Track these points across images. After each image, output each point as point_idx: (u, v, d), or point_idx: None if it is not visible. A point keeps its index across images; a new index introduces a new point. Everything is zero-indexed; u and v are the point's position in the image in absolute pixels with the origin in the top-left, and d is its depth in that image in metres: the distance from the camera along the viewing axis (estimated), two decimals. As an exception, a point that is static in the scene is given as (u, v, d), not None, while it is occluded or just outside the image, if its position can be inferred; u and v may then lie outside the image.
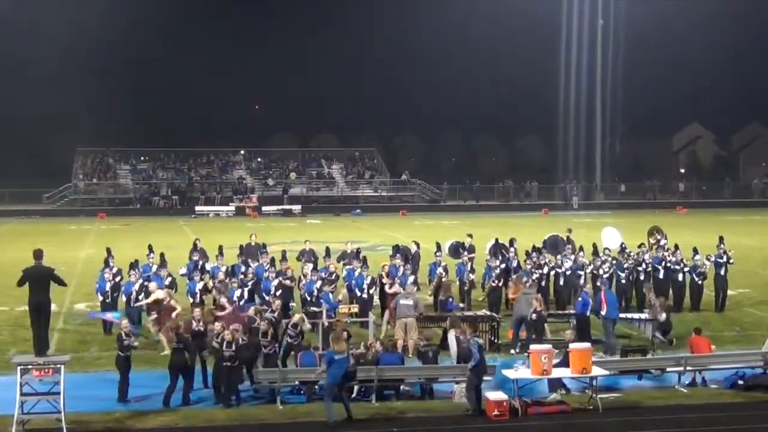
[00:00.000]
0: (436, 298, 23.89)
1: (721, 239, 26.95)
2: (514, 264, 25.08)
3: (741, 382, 17.63)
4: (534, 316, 20.04)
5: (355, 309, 22.40)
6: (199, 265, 24.16)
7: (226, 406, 16.29)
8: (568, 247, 26.54)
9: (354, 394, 17.11)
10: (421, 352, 18.18)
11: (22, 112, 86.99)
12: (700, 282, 25.14)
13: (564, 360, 16.92)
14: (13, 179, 71.59)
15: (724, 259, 25.91)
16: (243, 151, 79.29)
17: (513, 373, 16.58)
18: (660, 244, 28.06)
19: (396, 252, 25.73)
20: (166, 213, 64.52)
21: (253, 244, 27.01)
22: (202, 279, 22.79)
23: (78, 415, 15.50)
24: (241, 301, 21.04)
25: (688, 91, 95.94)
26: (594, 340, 19.73)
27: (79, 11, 77.52)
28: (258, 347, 17.39)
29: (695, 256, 25.59)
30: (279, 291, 21.81)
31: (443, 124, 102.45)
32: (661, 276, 25.37)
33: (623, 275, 24.93)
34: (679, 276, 25.25)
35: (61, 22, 79.30)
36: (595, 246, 26.81)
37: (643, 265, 25.42)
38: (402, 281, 22.55)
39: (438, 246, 26.42)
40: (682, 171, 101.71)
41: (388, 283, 23.07)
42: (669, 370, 17.95)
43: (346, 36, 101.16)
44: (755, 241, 42.77)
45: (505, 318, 22.38)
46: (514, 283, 23.64)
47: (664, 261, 25.60)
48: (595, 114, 78.97)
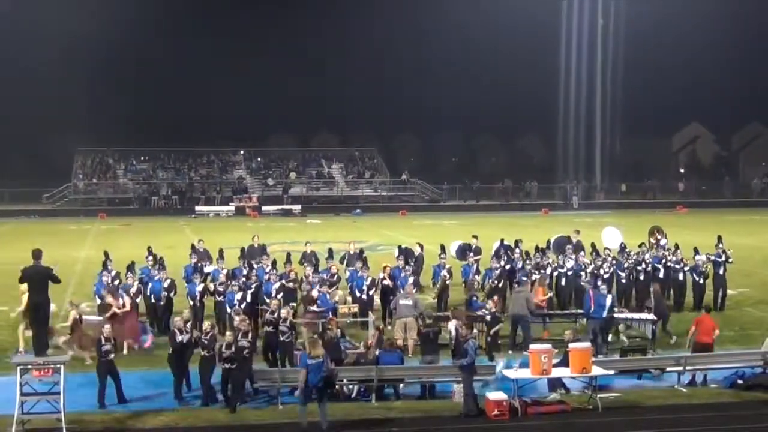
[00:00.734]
0: (440, 301, 23.83)
1: (719, 239, 26.93)
2: (519, 265, 24.94)
3: (740, 382, 17.65)
4: (488, 318, 20.16)
5: (354, 309, 22.39)
6: (197, 268, 23.89)
7: (228, 408, 16.18)
8: (569, 246, 26.46)
9: (353, 394, 17.13)
10: (422, 333, 18.46)
11: (22, 111, 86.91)
12: (701, 281, 25.14)
13: (564, 360, 16.94)
14: (13, 179, 71.56)
15: (723, 258, 25.90)
16: (243, 151, 79.18)
17: (513, 373, 16.59)
18: (660, 244, 28.07)
19: (400, 253, 25.69)
20: (166, 213, 64.45)
21: (255, 246, 26.89)
22: (203, 282, 22.61)
23: (78, 415, 15.53)
24: (242, 305, 20.82)
25: (688, 90, 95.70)
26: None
27: (79, 11, 77.42)
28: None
29: (696, 255, 25.60)
30: (281, 294, 21.82)
31: (443, 123, 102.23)
32: (662, 275, 25.35)
33: (623, 275, 24.92)
34: (680, 276, 25.26)
35: (61, 22, 79.09)
36: (594, 245, 26.81)
37: (643, 265, 25.40)
38: (402, 282, 22.52)
39: (442, 248, 25.92)
40: (682, 171, 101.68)
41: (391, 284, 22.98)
42: (668, 369, 17.96)
43: (346, 35, 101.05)
44: (755, 240, 42.75)
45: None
46: (539, 283, 23.38)
47: (665, 261, 25.62)
48: (595, 113, 79.09)
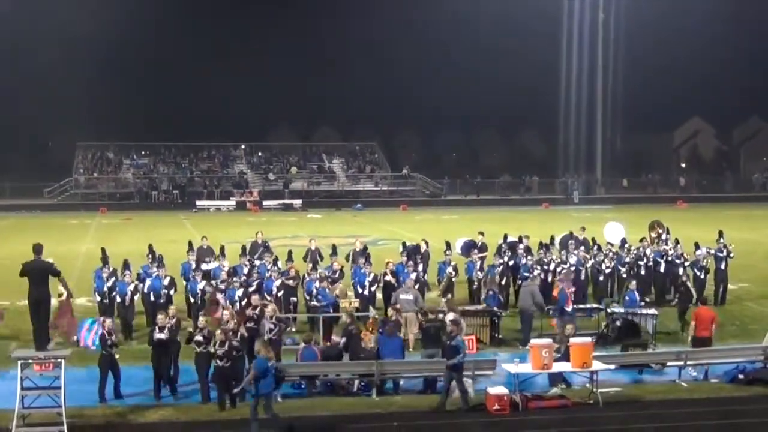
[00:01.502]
0: (445, 297, 23.70)
1: (720, 233, 26.89)
2: (523, 261, 24.85)
3: (741, 377, 17.64)
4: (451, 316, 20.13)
5: (355, 303, 22.38)
6: (196, 265, 23.70)
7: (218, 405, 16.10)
8: (571, 242, 26.39)
9: (355, 388, 17.13)
10: (424, 328, 18.54)
11: (23, 107, 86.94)
12: (702, 276, 25.10)
13: (565, 354, 16.94)
14: (14, 174, 71.65)
15: (724, 253, 25.91)
16: (244, 146, 79.19)
17: (513, 368, 16.59)
18: (661, 239, 28.05)
19: (404, 249, 25.61)
20: (167, 207, 64.51)
21: (258, 242, 26.77)
22: (204, 279, 22.42)
23: (78, 410, 15.54)
24: (242, 302, 20.62)
25: (689, 85, 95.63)
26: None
27: (80, 7, 77.37)
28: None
29: (697, 250, 25.57)
30: (281, 291, 21.77)
31: (444, 118, 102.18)
32: (663, 270, 25.36)
33: (623, 270, 24.91)
34: (680, 270, 25.22)
35: (61, 18, 79.15)
36: (594, 240, 26.77)
37: (644, 260, 25.38)
38: (403, 278, 22.51)
39: (448, 245, 25.80)
40: (683, 165, 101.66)
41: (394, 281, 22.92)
42: (669, 364, 17.96)
43: (347, 30, 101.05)
44: (756, 235, 42.74)
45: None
46: (565, 276, 23.02)
47: (666, 255, 25.60)
48: (596, 108, 78.99)
